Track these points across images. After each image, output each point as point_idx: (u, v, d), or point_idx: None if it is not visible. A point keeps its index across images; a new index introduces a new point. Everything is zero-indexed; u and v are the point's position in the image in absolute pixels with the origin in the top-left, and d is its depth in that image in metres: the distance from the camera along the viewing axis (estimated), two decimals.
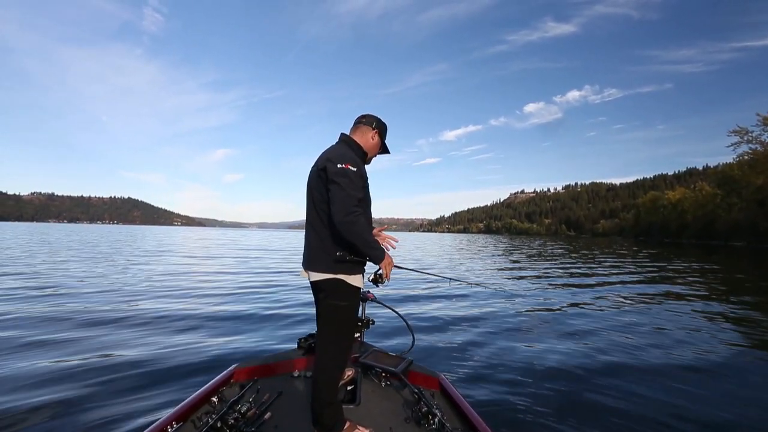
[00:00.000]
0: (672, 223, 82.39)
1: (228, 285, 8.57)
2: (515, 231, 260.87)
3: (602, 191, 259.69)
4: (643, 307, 6.94)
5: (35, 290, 7.14)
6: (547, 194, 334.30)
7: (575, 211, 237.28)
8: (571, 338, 4.85)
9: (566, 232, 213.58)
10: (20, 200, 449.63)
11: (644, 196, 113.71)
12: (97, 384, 3.09)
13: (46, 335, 4.37)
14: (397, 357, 2.57)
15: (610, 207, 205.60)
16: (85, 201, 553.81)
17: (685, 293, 8.63)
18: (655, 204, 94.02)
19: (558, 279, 11.09)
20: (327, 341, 1.88)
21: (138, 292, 7.36)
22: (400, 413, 2.09)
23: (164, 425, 1.77)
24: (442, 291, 8.11)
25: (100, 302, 6.25)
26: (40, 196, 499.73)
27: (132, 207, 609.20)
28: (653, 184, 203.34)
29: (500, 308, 6.57)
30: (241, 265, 13.02)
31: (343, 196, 1.71)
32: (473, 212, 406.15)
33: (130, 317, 5.32)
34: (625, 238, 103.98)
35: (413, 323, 3.35)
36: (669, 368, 3.83)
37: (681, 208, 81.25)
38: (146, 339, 4.34)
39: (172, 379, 3.23)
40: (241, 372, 2.42)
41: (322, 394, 1.82)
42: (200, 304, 6.39)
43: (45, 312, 5.48)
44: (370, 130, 2.03)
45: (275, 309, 6.09)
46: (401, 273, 11.97)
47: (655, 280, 11.21)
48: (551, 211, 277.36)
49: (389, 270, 1.88)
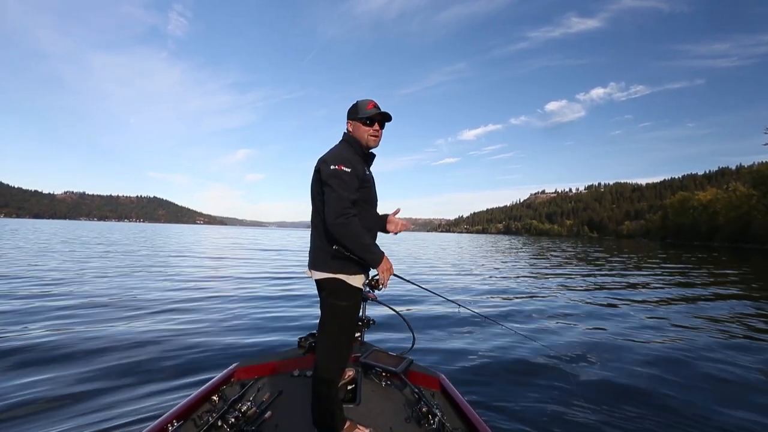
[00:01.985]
0: (702, 225, 79.06)
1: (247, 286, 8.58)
2: (535, 232, 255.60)
3: (627, 191, 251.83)
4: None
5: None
6: (569, 194, 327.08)
7: (598, 212, 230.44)
8: (578, 337, 4.69)
9: (588, 233, 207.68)
10: (54, 199, 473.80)
11: (672, 196, 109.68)
12: (96, 380, 3.12)
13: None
14: (397, 357, 2.59)
15: (635, 208, 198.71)
16: (114, 200, 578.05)
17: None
18: (684, 205, 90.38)
19: (601, 284, 10.68)
20: (327, 340, 1.87)
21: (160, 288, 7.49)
22: (400, 413, 2.09)
23: (165, 423, 1.77)
24: (443, 291, 8.06)
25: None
26: (73, 195, 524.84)
27: (157, 206, 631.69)
28: (682, 184, 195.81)
29: (504, 311, 6.46)
30: (259, 267, 13.13)
31: (335, 198, 1.69)
32: (492, 213, 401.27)
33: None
34: (652, 240, 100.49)
35: (414, 323, 3.35)
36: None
37: (713, 209, 77.93)
38: (151, 332, 4.37)
39: (173, 376, 3.24)
40: (241, 371, 2.44)
41: (323, 394, 1.81)
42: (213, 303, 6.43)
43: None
44: (356, 122, 1.89)
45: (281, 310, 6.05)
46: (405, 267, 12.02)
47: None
48: (573, 212, 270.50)
49: (387, 276, 1.80)
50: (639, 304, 7.35)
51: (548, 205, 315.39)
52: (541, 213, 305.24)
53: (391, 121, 1.95)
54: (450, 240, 62.45)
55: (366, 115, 1.88)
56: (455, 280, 10.34)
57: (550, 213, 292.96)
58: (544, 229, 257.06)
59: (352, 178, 1.75)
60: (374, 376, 2.48)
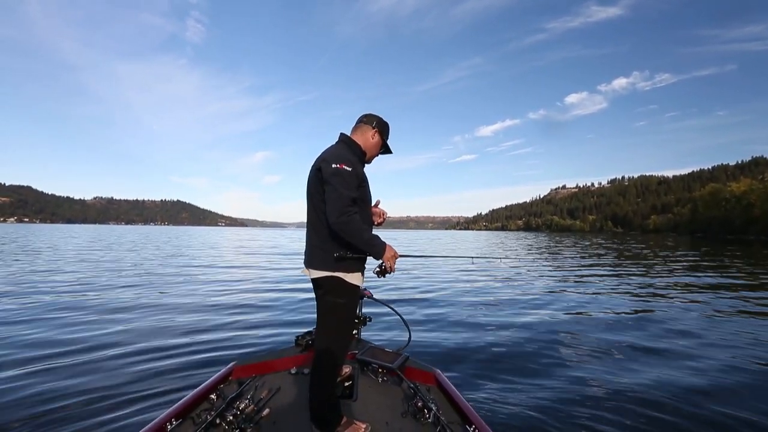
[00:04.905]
0: (736, 219, 75.27)
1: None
2: (556, 228, 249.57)
3: (653, 185, 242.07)
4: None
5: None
6: (591, 189, 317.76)
7: (622, 206, 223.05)
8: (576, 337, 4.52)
9: (612, 228, 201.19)
10: (85, 204, 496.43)
11: (702, 188, 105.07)
12: (98, 377, 3.19)
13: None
14: (393, 353, 2.60)
15: (661, 201, 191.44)
16: (140, 204, 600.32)
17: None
18: (715, 197, 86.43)
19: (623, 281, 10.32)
20: (325, 338, 1.90)
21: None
22: (396, 408, 2.11)
23: (164, 422, 1.79)
24: (441, 289, 8.00)
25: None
26: (102, 200, 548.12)
27: (180, 209, 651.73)
28: (712, 175, 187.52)
29: (501, 306, 6.41)
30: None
31: (337, 196, 1.72)
32: (511, 209, 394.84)
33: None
34: (680, 234, 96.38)
35: (409, 320, 3.37)
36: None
37: (747, 201, 74.08)
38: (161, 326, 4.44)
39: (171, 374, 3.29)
40: (239, 369, 2.46)
41: (320, 390, 1.83)
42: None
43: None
44: (370, 129, 2.00)
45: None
46: (409, 262, 11.81)
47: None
48: (595, 207, 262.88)
49: (393, 262, 1.87)
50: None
51: (569, 201, 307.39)
52: (562, 209, 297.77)
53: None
54: (466, 238, 61.54)
55: (385, 141, 2.07)
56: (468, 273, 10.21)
57: (571, 208, 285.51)
58: (566, 225, 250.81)
59: (352, 177, 1.78)
60: (371, 372, 2.50)
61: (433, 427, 1.89)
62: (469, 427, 1.87)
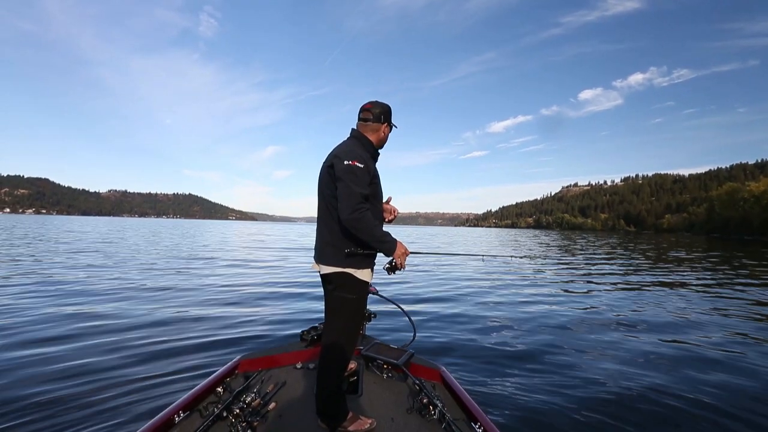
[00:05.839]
0: (755, 219, 73.15)
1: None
2: (567, 226, 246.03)
3: (668, 183, 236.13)
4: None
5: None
6: (604, 187, 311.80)
7: (636, 205, 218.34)
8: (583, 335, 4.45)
9: (625, 227, 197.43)
10: (100, 197, 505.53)
11: (719, 188, 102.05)
12: (104, 370, 3.23)
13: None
14: (398, 350, 2.61)
15: (676, 200, 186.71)
16: (153, 197, 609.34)
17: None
18: (733, 197, 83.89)
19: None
20: (334, 333, 1.91)
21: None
22: (401, 404, 2.13)
23: (171, 414, 1.82)
24: (445, 286, 7.97)
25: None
26: (116, 192, 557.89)
27: (192, 203, 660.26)
28: (730, 174, 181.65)
29: (509, 304, 6.36)
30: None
31: (349, 193, 1.73)
32: (522, 206, 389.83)
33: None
34: (696, 234, 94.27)
35: (415, 317, 3.35)
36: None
37: (767, 201, 71.79)
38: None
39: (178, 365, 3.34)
40: (245, 363, 2.50)
41: (327, 385, 1.85)
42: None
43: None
44: (380, 125, 2.00)
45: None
46: (417, 258, 11.82)
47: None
48: (608, 205, 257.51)
49: (404, 259, 1.88)
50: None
51: (581, 199, 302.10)
52: (574, 206, 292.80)
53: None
54: (475, 234, 61.33)
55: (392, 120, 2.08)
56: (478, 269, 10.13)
57: (583, 206, 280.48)
58: (577, 223, 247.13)
59: (364, 174, 1.79)
60: (376, 368, 2.51)
61: (438, 423, 1.90)
62: (474, 424, 1.87)
